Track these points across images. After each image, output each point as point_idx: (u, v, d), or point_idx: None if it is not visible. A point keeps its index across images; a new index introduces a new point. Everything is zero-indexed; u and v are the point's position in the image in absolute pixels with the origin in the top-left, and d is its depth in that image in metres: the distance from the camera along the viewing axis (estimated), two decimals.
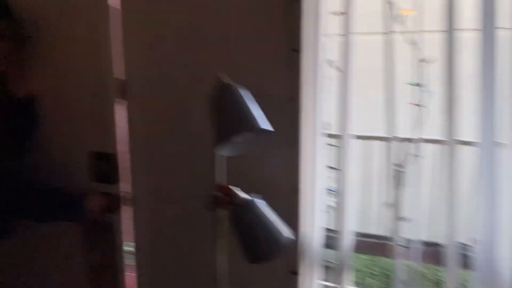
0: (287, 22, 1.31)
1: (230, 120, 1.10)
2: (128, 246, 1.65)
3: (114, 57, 1.53)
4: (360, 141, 1.84)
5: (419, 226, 1.31)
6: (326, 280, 1.49)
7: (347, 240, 1.38)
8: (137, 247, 1.65)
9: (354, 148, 1.36)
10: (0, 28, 1.44)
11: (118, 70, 1.54)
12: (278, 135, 1.13)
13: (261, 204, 1.21)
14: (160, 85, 1.52)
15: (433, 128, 1.25)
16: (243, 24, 1.37)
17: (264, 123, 1.09)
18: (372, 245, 1.45)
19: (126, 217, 1.61)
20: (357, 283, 2.51)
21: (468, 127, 1.21)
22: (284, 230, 1.20)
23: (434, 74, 1.23)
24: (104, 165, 1.57)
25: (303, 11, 1.29)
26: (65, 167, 1.58)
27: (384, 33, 1.26)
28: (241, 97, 1.11)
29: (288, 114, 1.35)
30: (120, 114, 1.57)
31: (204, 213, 1.44)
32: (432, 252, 1.31)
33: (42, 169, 1.55)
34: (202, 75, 1.43)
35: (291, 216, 1.35)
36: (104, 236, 1.59)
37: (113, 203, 1.58)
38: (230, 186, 1.21)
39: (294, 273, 1.43)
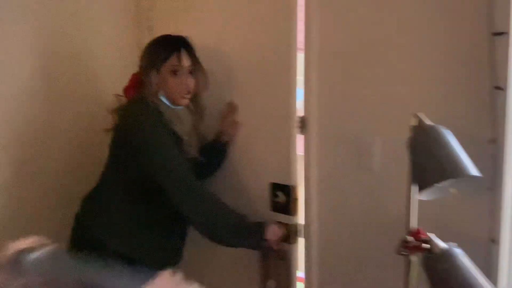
0: (491, 57, 1.22)
1: (434, 164, 1.05)
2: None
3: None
4: None
5: None
6: None
7: None
8: (306, 279, 1.68)
9: None
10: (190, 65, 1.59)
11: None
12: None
13: (459, 254, 1.12)
14: (337, 120, 1.54)
15: None
16: (441, 60, 1.32)
17: (473, 169, 1.02)
18: None
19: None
20: None
21: None
22: (485, 284, 1.09)
23: None
24: (283, 196, 1.63)
25: (511, 45, 1.19)
26: (247, 196, 1.69)
27: None
28: (446, 139, 1.06)
29: (487, 157, 1.24)
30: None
31: (383, 254, 1.43)
32: None
33: (226, 196, 1.68)
34: (385, 112, 1.43)
35: (489, 269, 1.23)
36: (279, 265, 1.65)
37: (290, 234, 1.62)
38: (424, 232, 1.15)
39: None
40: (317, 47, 1.54)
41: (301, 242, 1.67)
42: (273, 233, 1.57)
